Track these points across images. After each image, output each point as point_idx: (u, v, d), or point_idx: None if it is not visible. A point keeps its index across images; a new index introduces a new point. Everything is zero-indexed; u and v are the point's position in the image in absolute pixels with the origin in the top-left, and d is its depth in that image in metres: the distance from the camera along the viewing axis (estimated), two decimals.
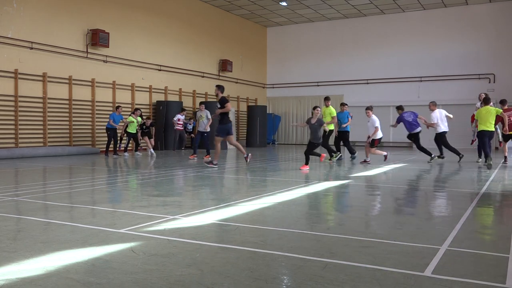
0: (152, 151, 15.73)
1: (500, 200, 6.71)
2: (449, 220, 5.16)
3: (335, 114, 13.23)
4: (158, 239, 4.11)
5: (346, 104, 14.22)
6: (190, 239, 4.10)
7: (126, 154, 15.39)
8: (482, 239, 4.32)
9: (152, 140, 16.72)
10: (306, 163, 11.00)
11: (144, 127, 16.32)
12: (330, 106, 13.37)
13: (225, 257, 3.57)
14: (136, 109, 15.88)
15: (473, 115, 13.34)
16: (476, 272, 3.23)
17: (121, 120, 15.32)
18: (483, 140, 11.90)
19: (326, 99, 13.51)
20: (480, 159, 13.12)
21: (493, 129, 12.10)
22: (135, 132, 15.54)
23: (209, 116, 13.86)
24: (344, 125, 13.77)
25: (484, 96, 12.85)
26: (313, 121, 11.04)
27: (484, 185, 8.11)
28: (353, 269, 3.27)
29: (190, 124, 19.64)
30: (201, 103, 14.35)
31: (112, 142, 15.09)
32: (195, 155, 14.00)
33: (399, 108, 13.43)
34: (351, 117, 14.06)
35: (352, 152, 13.97)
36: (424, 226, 4.72)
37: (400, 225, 4.77)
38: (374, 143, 12.56)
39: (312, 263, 3.40)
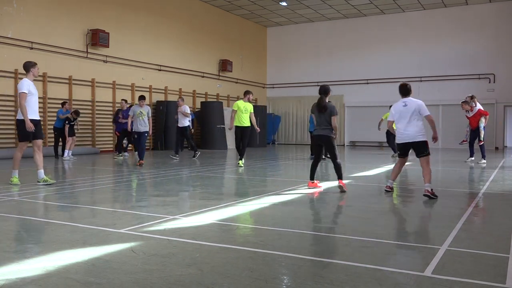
0: (68, 154, 13.38)
1: (500, 200, 6.71)
2: (449, 220, 5.16)
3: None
4: (158, 239, 4.11)
5: None
6: (190, 239, 4.10)
7: (126, 154, 15.31)
8: (482, 239, 4.32)
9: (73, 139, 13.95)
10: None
11: (71, 122, 13.91)
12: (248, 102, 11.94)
13: (225, 257, 3.57)
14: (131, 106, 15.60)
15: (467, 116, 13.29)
16: (476, 272, 3.23)
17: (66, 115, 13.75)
18: (390, 137, 15.07)
19: (246, 93, 12.11)
20: (471, 158, 13.07)
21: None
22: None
23: (150, 115, 11.60)
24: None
25: (469, 98, 13.05)
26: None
27: (484, 185, 8.11)
28: (353, 269, 3.27)
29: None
30: (142, 97, 11.55)
31: (60, 142, 14.00)
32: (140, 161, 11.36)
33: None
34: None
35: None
36: (424, 226, 4.72)
37: (400, 225, 4.77)
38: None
39: (312, 263, 3.40)
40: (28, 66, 7.91)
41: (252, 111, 11.91)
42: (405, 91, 7.16)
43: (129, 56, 17.96)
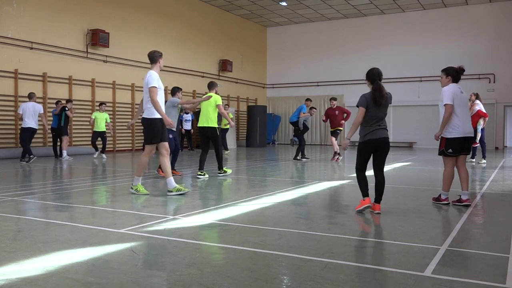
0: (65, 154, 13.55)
1: (500, 200, 6.71)
2: (449, 220, 5.16)
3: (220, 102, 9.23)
4: (158, 239, 4.11)
5: (310, 100, 14.08)
6: (190, 239, 4.10)
7: (96, 154, 14.58)
8: (482, 239, 4.32)
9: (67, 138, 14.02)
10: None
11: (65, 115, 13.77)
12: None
13: (225, 257, 3.57)
14: (102, 104, 14.65)
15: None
16: (476, 272, 3.23)
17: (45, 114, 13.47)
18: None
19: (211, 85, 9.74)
20: (471, 159, 13.00)
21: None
22: (103, 130, 14.50)
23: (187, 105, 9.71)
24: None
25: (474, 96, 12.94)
26: None
27: (484, 185, 8.11)
28: (353, 269, 3.27)
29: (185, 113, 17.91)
30: (178, 88, 9.54)
31: (58, 142, 13.89)
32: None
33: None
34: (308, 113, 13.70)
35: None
36: (424, 226, 4.72)
37: (400, 225, 4.77)
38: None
39: (312, 263, 3.40)
40: (156, 57, 6.67)
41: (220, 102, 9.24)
42: (459, 76, 6.00)
43: (129, 56, 17.96)
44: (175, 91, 9.42)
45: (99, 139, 14.51)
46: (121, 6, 17.67)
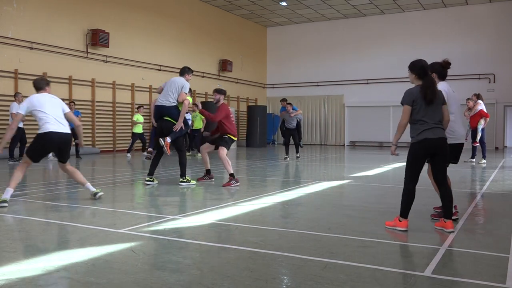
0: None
1: (500, 200, 6.71)
2: None
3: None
4: (158, 239, 4.11)
5: (285, 101, 15.32)
6: (190, 239, 4.10)
7: (128, 155, 15.03)
8: (482, 239, 4.32)
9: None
10: None
11: None
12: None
13: (225, 257, 3.57)
14: (140, 106, 15.95)
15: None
16: (476, 272, 3.23)
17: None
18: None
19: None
20: (471, 159, 12.97)
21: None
22: (141, 131, 15.57)
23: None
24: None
25: (475, 97, 12.95)
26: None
27: (484, 185, 8.11)
28: (353, 269, 3.27)
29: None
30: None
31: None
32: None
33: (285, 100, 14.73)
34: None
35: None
36: (424, 226, 4.72)
37: None
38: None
39: (312, 263, 3.40)
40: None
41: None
42: (445, 72, 5.25)
43: (129, 56, 17.96)
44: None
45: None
46: (121, 6, 17.67)
